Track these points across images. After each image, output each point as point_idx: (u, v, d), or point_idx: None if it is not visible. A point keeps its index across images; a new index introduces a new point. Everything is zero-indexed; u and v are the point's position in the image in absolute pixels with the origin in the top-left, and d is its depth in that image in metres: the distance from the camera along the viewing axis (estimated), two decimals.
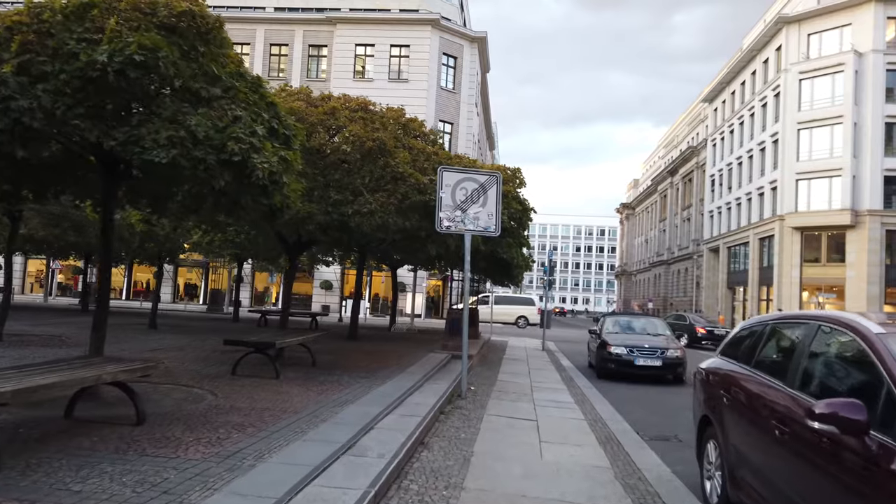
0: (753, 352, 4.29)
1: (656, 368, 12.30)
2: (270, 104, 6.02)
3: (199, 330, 16.32)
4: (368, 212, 8.38)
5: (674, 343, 12.88)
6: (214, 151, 5.17)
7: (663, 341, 12.95)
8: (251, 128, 5.35)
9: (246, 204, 5.89)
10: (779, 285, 40.53)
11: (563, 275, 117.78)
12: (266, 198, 5.64)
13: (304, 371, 9.06)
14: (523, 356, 16.61)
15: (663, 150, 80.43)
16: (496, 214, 8.92)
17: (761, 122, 44.78)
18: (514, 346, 20.27)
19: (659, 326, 14.07)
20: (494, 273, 15.79)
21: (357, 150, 8.71)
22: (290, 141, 6.20)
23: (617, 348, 12.56)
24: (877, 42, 36.99)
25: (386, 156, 8.86)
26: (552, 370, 13.49)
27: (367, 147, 8.66)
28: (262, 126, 5.46)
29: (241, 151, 5.14)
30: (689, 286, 60.68)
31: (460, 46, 44.69)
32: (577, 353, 19.56)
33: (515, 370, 12.81)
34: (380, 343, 15.06)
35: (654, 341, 12.86)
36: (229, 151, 5.14)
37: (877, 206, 36.55)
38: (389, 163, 8.86)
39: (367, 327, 22.38)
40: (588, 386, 11.21)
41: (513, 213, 13.42)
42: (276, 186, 5.41)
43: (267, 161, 5.24)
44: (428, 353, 12.72)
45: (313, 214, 8.21)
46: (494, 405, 8.26)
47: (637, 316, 15.52)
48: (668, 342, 12.90)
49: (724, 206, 51.20)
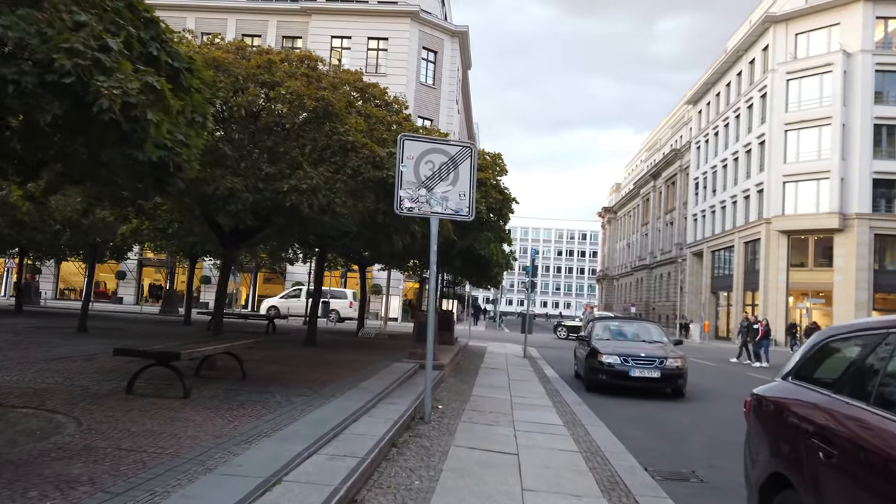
0: (865, 379, 2.66)
1: (654, 381, 10.71)
2: (149, 21, 4.28)
3: (135, 334, 14.37)
4: (309, 189, 6.60)
5: (673, 351, 11.31)
6: (37, 69, 3.43)
7: (661, 349, 11.38)
8: (101, 40, 3.61)
9: (112, 160, 4.14)
10: (765, 290, 39.53)
11: (544, 279, 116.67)
12: (132, 147, 3.89)
13: (227, 387, 7.26)
14: (503, 364, 14.95)
15: (646, 154, 79.76)
16: (469, 194, 7.24)
17: (747, 123, 43.89)
18: (494, 353, 18.61)
19: (654, 332, 12.51)
20: (471, 272, 14.08)
21: (296, 111, 6.92)
22: (179, 76, 4.44)
23: (609, 357, 10.95)
24: (866, 42, 36.24)
25: (333, 121, 7.09)
26: (535, 381, 11.84)
27: (308, 108, 6.88)
28: (119, 40, 3.72)
29: (76, 70, 3.39)
30: (671, 291, 59.72)
31: (440, 41, 43.14)
32: (562, 361, 17.95)
33: (493, 382, 11.12)
34: (341, 350, 13.28)
35: (650, 349, 11.28)
36: (58, 69, 3.39)
37: (865, 209, 35.70)
38: (337, 129, 7.08)
39: (333, 332, 20.54)
40: (577, 402, 9.57)
41: (492, 203, 11.77)
42: (136, 126, 3.66)
43: (119, 86, 3.51)
44: (392, 362, 10.98)
45: (237, 191, 6.40)
46: (465, 432, 6.55)
47: (630, 320, 13.88)
48: (667, 350, 11.34)
49: (709, 210, 50.27)
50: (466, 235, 12.16)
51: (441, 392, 9.44)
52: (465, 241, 12.19)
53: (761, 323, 21.72)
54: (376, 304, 43.50)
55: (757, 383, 4.17)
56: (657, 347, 11.53)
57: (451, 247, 12.47)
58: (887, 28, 36.70)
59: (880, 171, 35.74)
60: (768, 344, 21.66)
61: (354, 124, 7.40)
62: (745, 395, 3.63)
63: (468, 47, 46.27)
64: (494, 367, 13.92)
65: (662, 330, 12.73)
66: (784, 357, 27.41)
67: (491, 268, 12.98)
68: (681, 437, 7.61)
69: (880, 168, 35.74)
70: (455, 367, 12.95)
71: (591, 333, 12.39)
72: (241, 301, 47.36)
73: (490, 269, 13.04)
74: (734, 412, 10.00)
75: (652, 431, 7.85)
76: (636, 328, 12.60)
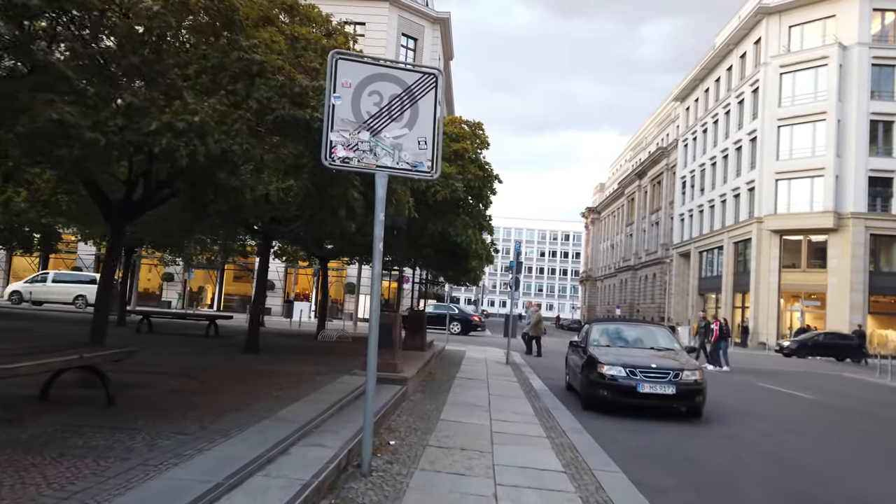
0: None
1: (668, 398, 8.62)
2: None
3: (45, 335, 11.89)
4: (190, 128, 4.32)
5: (688, 362, 9.24)
6: None
7: (674, 359, 9.31)
8: None
9: None
10: (756, 292, 37.96)
11: (526, 280, 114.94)
12: None
13: (71, 421, 4.94)
14: (482, 373, 12.78)
15: (631, 153, 78.40)
16: (433, 143, 5.03)
17: (737, 119, 42.41)
18: (473, 360, 16.43)
19: (662, 337, 10.41)
20: (445, 264, 11.86)
21: (178, 12, 4.63)
22: None
23: (612, 369, 8.83)
24: (862, 35, 34.88)
25: (234, 31, 4.84)
26: (520, 397, 9.69)
27: (195, 6, 4.59)
28: None
29: None
30: (657, 292, 58.18)
31: (421, 27, 40.99)
32: (550, 368, 15.84)
33: (470, 398, 8.94)
34: (287, 358, 10.99)
35: (662, 359, 9.19)
36: None
37: (861, 208, 34.31)
38: (240, 44, 4.80)
39: (291, 335, 18.17)
40: (576, 428, 7.42)
41: (470, 181, 9.63)
42: None
43: None
44: (343, 375, 8.72)
45: (72, 126, 4.01)
46: (421, 492, 4.35)
47: (632, 323, 11.70)
48: (681, 360, 9.26)
49: (696, 209, 48.75)
50: (440, 218, 9.97)
51: (399, 417, 7.23)
52: (438, 226, 10.02)
53: (716, 322, 19.58)
54: (350, 303, 41.22)
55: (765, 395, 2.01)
56: (669, 357, 9.44)
57: (420, 232, 10.27)
58: (884, 21, 35.40)
59: (876, 168, 34.38)
60: (727, 345, 19.58)
61: (268, 40, 5.15)
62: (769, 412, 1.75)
63: (450, 36, 44.15)
64: (472, 378, 11.74)
65: (672, 335, 10.64)
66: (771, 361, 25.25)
67: (469, 260, 10.80)
68: (729, 488, 5.49)
69: (876, 165, 34.38)
70: (424, 378, 10.74)
71: (588, 338, 10.25)
72: (206, 300, 44.62)
73: (468, 261, 10.86)
74: (773, 438, 7.93)
75: (684, 477, 5.72)
76: (640, 333, 10.48)
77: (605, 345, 9.99)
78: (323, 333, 15.12)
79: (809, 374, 20.43)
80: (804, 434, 8.56)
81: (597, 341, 10.13)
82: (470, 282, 14.85)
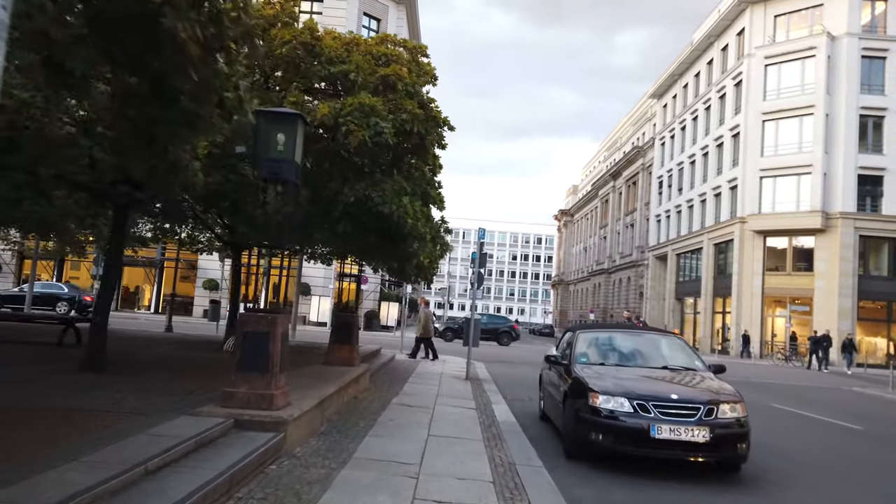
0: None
1: (698, 448, 5.59)
2: None
3: None
4: None
5: (723, 388, 6.24)
6: None
7: (700, 384, 6.32)
8: None
9: None
10: (738, 296, 35.71)
11: (497, 283, 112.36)
12: None
13: None
14: (431, 395, 9.64)
15: (605, 153, 76.42)
16: None
17: (718, 115, 40.29)
18: (425, 374, 13.27)
19: (676, 350, 7.36)
20: (373, 247, 8.55)
21: None
22: None
23: (611, 401, 5.80)
24: (851, 25, 32.99)
25: None
26: (475, 439, 6.57)
27: None
28: None
29: None
30: (631, 296, 55.93)
31: (384, 7, 37.95)
32: (519, 385, 12.81)
33: (392, 450, 5.77)
34: (134, 380, 7.62)
35: (685, 386, 6.21)
36: None
37: (850, 208, 32.30)
38: None
39: (196, 343, 14.70)
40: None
41: (406, 123, 6.50)
42: None
43: None
44: (180, 416, 5.33)
45: None
46: None
47: (632, 331, 8.49)
48: (713, 386, 6.27)
49: (674, 210, 46.56)
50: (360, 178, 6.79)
51: (256, 492, 4.03)
52: (358, 190, 6.89)
53: (639, 323, 17.01)
54: (304, 305, 37.64)
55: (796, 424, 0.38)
56: (694, 381, 6.44)
57: (335, 199, 7.11)
58: (874, 10, 33.59)
59: (866, 166, 32.43)
60: None
61: None
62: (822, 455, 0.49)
63: (416, 19, 41.18)
64: (414, 405, 8.58)
65: (689, 346, 7.61)
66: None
67: (407, 242, 7.61)
68: None
69: (866, 163, 32.43)
70: (340, 410, 7.54)
71: (572, 353, 7.15)
72: (144, 302, 40.41)
73: (406, 243, 7.66)
74: None
75: None
76: (644, 344, 7.41)
77: (598, 362, 6.92)
78: (230, 342, 11.76)
79: (811, 388, 17.83)
80: None
81: (585, 356, 7.06)
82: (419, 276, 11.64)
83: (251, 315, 5.46)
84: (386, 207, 6.81)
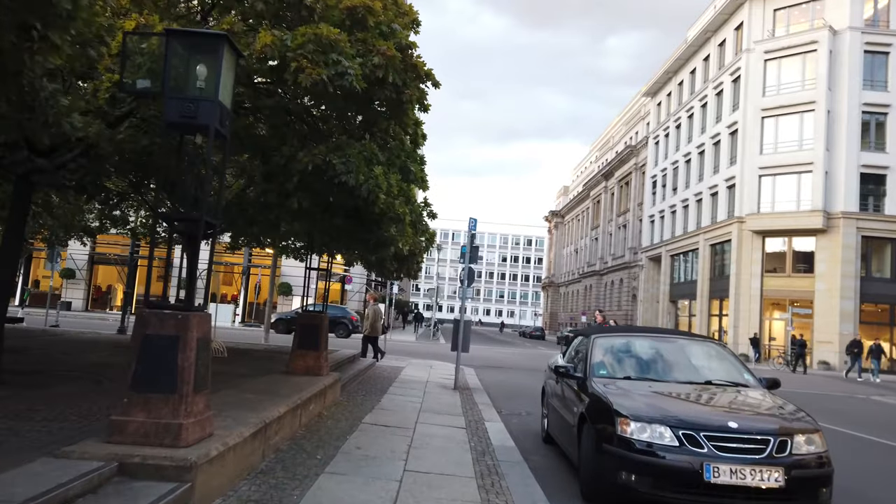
0: None
1: (769, 497, 4.12)
2: None
3: None
4: None
5: (792, 411, 4.78)
6: None
7: (761, 406, 4.87)
8: None
9: None
10: (736, 298, 34.53)
11: (487, 285, 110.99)
12: None
13: None
14: (412, 411, 8.13)
15: (597, 153, 75.36)
16: None
17: (715, 112, 39.17)
18: (408, 382, 11.76)
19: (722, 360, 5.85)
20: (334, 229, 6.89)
21: None
22: None
23: (650, 430, 4.34)
24: (854, 18, 31.96)
25: None
26: (464, 475, 5.08)
27: None
28: None
29: None
30: (624, 299, 54.76)
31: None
32: (512, 395, 11.34)
33: (354, 496, 4.27)
34: (40, 392, 6.09)
35: (740, 411, 4.76)
36: None
37: (852, 207, 31.22)
38: None
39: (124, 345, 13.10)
40: None
41: (376, 69, 5.01)
42: None
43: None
44: (42, 457, 3.79)
45: None
46: None
47: (659, 335, 6.78)
48: (779, 409, 4.81)
49: (668, 210, 45.40)
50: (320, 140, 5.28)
51: None
52: (314, 155, 5.37)
53: (605, 323, 15.41)
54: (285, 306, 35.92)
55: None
56: (751, 402, 4.98)
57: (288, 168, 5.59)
58: (877, 4, 32.61)
59: (869, 164, 31.38)
60: None
61: None
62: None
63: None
64: (390, 425, 7.07)
65: (732, 355, 6.13)
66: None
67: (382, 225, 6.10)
68: None
69: (869, 161, 31.38)
70: (299, 432, 6.02)
71: (588, 364, 5.65)
72: (116, 302, 38.42)
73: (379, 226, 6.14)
74: None
75: None
76: (679, 353, 5.88)
77: (621, 376, 5.44)
78: None
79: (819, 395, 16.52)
80: None
81: (604, 368, 5.58)
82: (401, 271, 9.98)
83: (154, 314, 3.93)
84: (351, 178, 5.27)
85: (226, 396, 5.84)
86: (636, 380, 5.28)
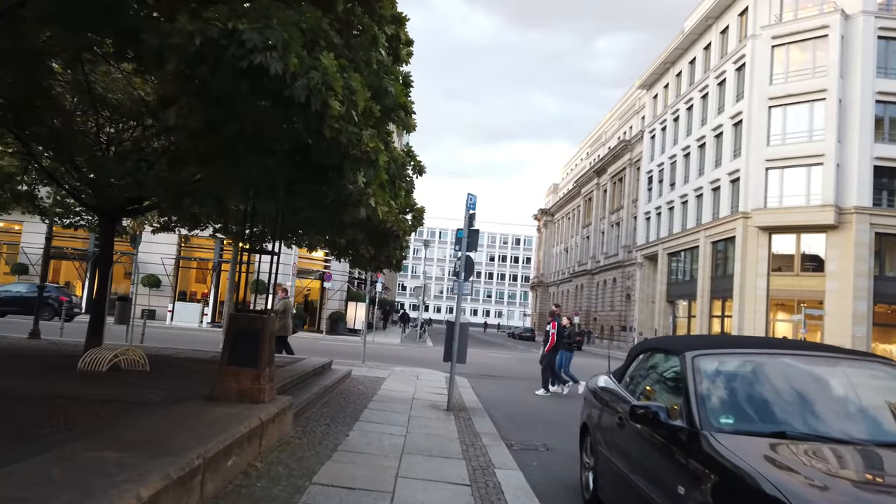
0: None
1: None
2: None
3: None
4: None
5: None
6: None
7: None
8: None
9: None
10: (740, 298, 32.57)
11: (475, 285, 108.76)
12: None
13: None
14: (392, 450, 5.74)
15: (589, 149, 73.40)
16: None
17: (717, 103, 37.24)
18: (387, 399, 9.35)
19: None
20: (271, 182, 4.54)
21: None
22: None
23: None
24: (867, 2, 30.15)
25: None
26: None
27: None
28: None
29: None
30: (617, 299, 52.74)
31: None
32: (518, 416, 8.96)
33: None
34: None
35: None
36: None
37: (865, 202, 29.37)
38: None
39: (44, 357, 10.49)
40: None
41: None
42: None
43: None
44: None
45: None
46: None
47: (804, 356, 4.08)
48: None
49: (665, 206, 43.43)
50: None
51: None
52: (208, 19, 3.01)
53: (553, 323, 13.29)
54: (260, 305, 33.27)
55: None
56: None
57: (165, 44, 3.20)
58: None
59: (883, 156, 29.55)
60: (570, 358, 13.29)
61: None
62: None
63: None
64: (352, 487, 4.69)
65: None
66: None
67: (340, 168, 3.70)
68: None
69: (883, 153, 29.56)
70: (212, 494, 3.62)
71: (692, 403, 3.23)
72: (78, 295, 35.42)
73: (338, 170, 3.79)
74: None
75: None
76: (844, 387, 3.44)
77: (770, 430, 3.07)
78: (92, 354, 7.69)
79: None
80: None
81: (729, 415, 3.18)
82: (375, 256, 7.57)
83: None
84: (275, 60, 2.85)
85: (72, 452, 3.41)
86: (796, 439, 2.94)
